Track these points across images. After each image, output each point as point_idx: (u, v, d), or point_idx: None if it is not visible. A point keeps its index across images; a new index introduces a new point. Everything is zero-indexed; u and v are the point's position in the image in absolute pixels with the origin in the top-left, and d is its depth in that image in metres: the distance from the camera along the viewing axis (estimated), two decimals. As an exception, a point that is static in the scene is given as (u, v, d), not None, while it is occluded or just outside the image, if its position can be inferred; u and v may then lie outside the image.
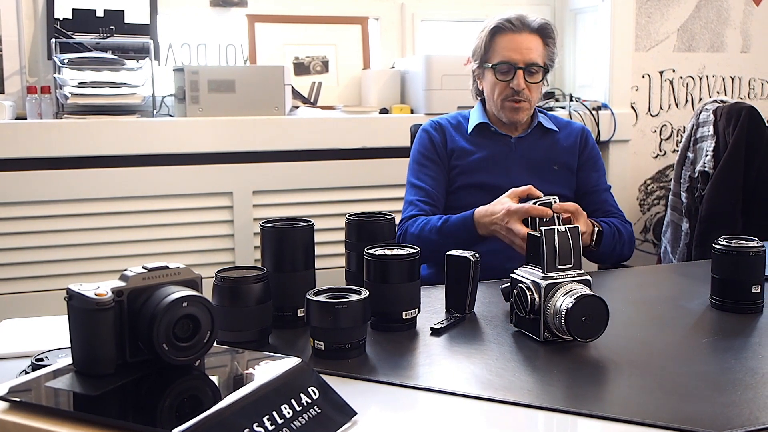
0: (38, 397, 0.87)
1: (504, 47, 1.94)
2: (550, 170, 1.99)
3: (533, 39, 1.94)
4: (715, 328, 1.35)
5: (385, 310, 1.27)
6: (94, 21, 2.63)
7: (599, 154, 2.07)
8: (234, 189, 2.57)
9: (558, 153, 2.01)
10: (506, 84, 1.93)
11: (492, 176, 1.95)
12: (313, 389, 0.91)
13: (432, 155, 2.00)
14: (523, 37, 1.93)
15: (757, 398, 1.01)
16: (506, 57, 1.93)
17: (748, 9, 3.26)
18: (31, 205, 2.40)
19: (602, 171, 2.05)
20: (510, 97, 1.94)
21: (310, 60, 2.94)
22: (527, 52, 1.92)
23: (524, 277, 1.26)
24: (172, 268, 0.96)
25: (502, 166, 1.97)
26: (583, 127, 2.09)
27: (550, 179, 1.96)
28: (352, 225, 1.42)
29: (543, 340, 1.22)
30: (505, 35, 1.94)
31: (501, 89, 1.95)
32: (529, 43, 1.93)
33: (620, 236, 1.88)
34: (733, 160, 2.60)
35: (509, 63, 1.92)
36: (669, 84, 3.20)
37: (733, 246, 1.39)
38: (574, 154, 2.02)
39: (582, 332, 1.18)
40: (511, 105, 1.95)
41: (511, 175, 1.94)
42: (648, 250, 3.21)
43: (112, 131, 2.42)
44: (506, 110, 1.96)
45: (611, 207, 1.99)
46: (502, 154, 1.99)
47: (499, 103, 1.96)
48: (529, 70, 1.92)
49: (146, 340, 0.90)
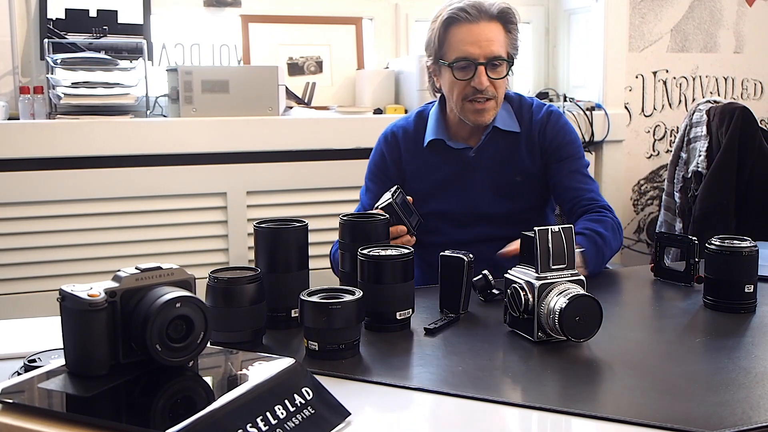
0: (31, 399, 0.87)
1: (460, 40, 1.71)
2: (512, 183, 1.82)
3: (493, 27, 1.71)
4: (708, 327, 1.35)
5: (379, 310, 1.27)
6: (87, 21, 2.62)
7: (566, 135, 1.84)
8: (228, 189, 2.57)
9: (521, 159, 1.82)
10: (466, 83, 1.72)
11: (450, 202, 1.82)
12: (306, 390, 0.91)
13: (381, 174, 1.86)
14: (482, 27, 1.70)
15: (749, 397, 1.01)
16: (464, 52, 1.70)
17: (741, 10, 3.27)
18: (24, 206, 2.39)
19: (573, 155, 1.82)
20: (471, 97, 1.73)
21: (304, 60, 2.94)
22: (488, 45, 1.70)
23: (518, 277, 1.26)
24: (165, 269, 0.96)
25: (460, 188, 1.82)
26: (542, 117, 1.84)
27: (513, 193, 1.82)
28: (346, 225, 1.42)
29: (537, 340, 1.22)
30: (461, 26, 1.71)
31: (461, 89, 1.73)
32: (488, 33, 1.70)
33: (603, 240, 1.67)
34: (726, 160, 2.61)
35: (468, 59, 1.70)
36: (662, 84, 3.21)
37: (726, 246, 1.40)
38: (535, 155, 1.83)
39: (576, 332, 1.18)
40: (473, 107, 1.74)
41: (471, 197, 1.82)
42: (641, 250, 3.22)
43: (106, 132, 2.41)
44: (468, 113, 1.75)
45: (585, 200, 1.78)
46: (460, 174, 1.82)
47: (460, 105, 1.75)
48: (491, 65, 1.71)
49: (139, 341, 0.90)
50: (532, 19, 3.25)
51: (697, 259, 1.53)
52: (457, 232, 1.82)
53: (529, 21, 3.24)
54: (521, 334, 1.25)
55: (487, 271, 1.45)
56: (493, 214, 1.83)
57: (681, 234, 2.68)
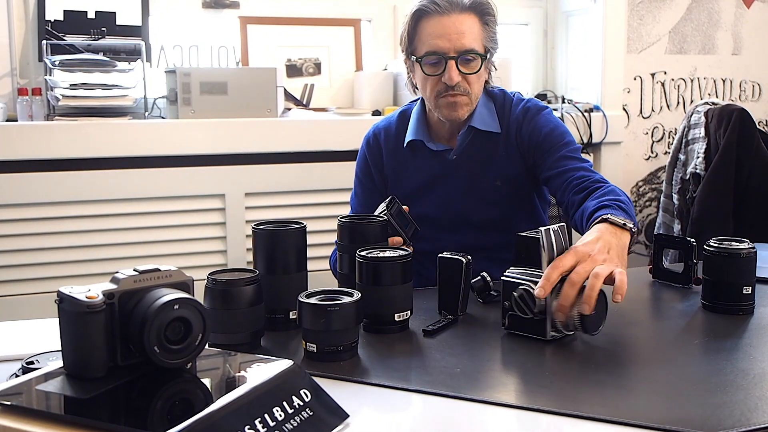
0: (29, 401, 0.87)
1: (429, 34, 1.63)
2: (491, 187, 1.75)
3: (466, 19, 1.63)
4: (707, 329, 1.35)
5: (377, 312, 1.27)
6: (86, 22, 2.62)
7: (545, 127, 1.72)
8: (226, 191, 2.57)
9: (500, 163, 1.74)
10: (437, 79, 1.64)
11: (429, 207, 1.75)
12: (305, 392, 0.91)
13: (365, 179, 1.84)
14: (452, 19, 1.62)
15: (748, 399, 1.01)
16: (433, 46, 1.62)
17: (739, 11, 3.28)
18: (22, 208, 2.38)
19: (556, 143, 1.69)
20: (444, 93, 1.65)
21: (303, 62, 2.94)
22: (458, 37, 1.61)
23: (523, 279, 1.24)
24: (163, 271, 0.96)
25: (439, 193, 1.76)
26: (518, 113, 1.74)
27: (491, 198, 1.75)
28: (344, 227, 1.42)
29: (550, 339, 1.22)
30: (431, 19, 1.63)
31: (432, 85, 1.66)
32: (460, 26, 1.62)
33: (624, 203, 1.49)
34: (724, 161, 2.61)
35: (437, 53, 1.62)
36: (660, 86, 3.21)
37: (724, 247, 1.40)
38: (514, 158, 1.74)
39: (591, 326, 1.19)
40: (446, 101, 1.66)
41: (449, 203, 1.76)
42: (640, 251, 3.22)
43: (104, 133, 2.41)
44: (442, 108, 1.68)
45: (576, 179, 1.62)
46: (439, 179, 1.76)
47: (433, 101, 1.68)
48: (463, 59, 1.63)
49: (137, 342, 0.90)
50: (531, 21, 3.25)
51: (695, 260, 1.53)
52: (443, 239, 1.73)
53: (527, 22, 3.24)
54: (529, 336, 1.24)
55: (485, 273, 1.46)
56: (477, 220, 1.77)
57: (679, 235, 2.68)
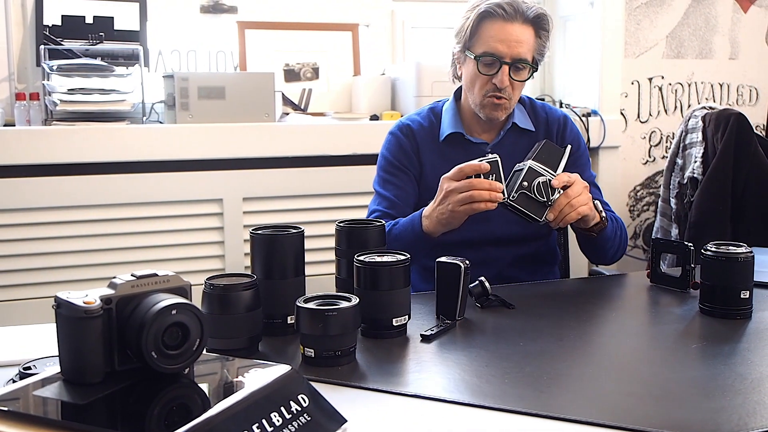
0: (26, 406, 0.87)
1: (491, 36, 1.73)
2: None
3: (525, 30, 1.73)
4: (704, 333, 1.35)
5: (375, 316, 1.27)
6: (84, 27, 2.62)
7: (581, 144, 1.90)
8: (224, 196, 2.57)
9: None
10: (488, 79, 1.75)
11: None
12: (303, 397, 0.91)
13: (401, 164, 1.86)
14: (515, 27, 1.72)
15: (745, 404, 1.01)
16: (492, 48, 1.72)
17: (736, 16, 3.28)
18: (20, 213, 2.38)
19: (586, 164, 1.88)
20: (491, 93, 1.76)
21: (301, 67, 2.94)
22: (516, 45, 1.72)
23: (542, 171, 1.57)
24: (161, 276, 0.95)
25: None
26: (560, 117, 1.90)
27: None
28: (342, 232, 1.42)
29: (542, 222, 1.57)
30: (495, 22, 1.73)
31: (482, 83, 1.76)
32: (520, 35, 1.72)
33: (621, 230, 1.75)
34: (721, 166, 2.62)
35: (494, 56, 1.72)
36: (658, 90, 3.21)
37: (722, 252, 1.40)
38: None
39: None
40: (491, 101, 1.76)
41: None
42: (638, 256, 3.22)
43: (102, 138, 2.41)
44: (486, 107, 1.78)
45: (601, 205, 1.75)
46: None
47: (479, 99, 1.78)
48: (515, 66, 1.74)
49: (135, 348, 0.90)
50: (528, 26, 3.25)
51: (693, 264, 1.53)
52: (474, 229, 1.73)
53: (524, 27, 3.24)
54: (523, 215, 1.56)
55: (483, 278, 1.46)
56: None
57: (677, 240, 2.68)
